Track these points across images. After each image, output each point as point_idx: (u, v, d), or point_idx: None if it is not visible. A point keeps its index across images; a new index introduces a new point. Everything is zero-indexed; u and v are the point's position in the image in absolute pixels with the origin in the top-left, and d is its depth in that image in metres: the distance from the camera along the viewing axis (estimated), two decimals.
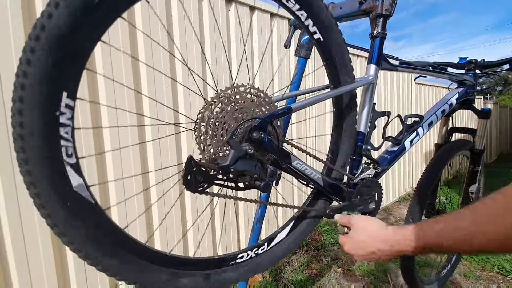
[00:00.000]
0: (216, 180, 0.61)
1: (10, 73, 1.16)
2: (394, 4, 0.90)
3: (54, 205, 0.43)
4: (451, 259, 1.57)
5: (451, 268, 1.56)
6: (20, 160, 0.41)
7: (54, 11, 0.39)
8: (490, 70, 1.37)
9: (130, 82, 1.49)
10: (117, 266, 0.50)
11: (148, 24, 1.53)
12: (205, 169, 0.58)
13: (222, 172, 0.60)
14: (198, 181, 0.57)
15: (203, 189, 0.58)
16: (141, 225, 1.57)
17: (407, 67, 1.11)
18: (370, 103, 0.92)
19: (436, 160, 1.34)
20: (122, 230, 0.52)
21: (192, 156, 0.56)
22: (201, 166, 0.57)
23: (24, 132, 0.40)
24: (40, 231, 1.26)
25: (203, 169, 0.58)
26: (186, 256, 0.63)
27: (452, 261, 1.57)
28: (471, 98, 1.37)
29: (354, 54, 3.14)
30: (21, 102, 0.40)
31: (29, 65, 0.39)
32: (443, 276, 1.53)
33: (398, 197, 4.01)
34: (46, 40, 0.39)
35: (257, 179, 0.62)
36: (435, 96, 4.87)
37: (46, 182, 0.42)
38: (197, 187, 0.57)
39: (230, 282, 0.66)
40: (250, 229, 1.47)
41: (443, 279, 1.53)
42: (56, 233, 0.45)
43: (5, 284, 1.19)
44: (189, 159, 0.55)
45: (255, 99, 0.66)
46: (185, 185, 0.56)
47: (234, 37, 1.94)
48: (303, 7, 0.68)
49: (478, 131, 1.42)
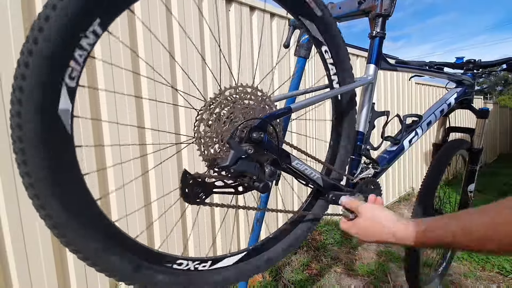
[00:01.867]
0: (215, 188, 0.60)
1: (10, 72, 1.16)
2: (393, 4, 0.90)
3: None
4: (446, 256, 1.58)
5: (447, 264, 1.58)
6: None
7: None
8: (489, 70, 1.38)
9: (130, 84, 1.49)
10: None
11: (148, 24, 1.53)
12: (201, 179, 0.57)
13: (222, 174, 0.60)
14: (196, 193, 0.57)
15: (201, 200, 0.58)
16: (140, 221, 1.57)
17: (405, 67, 1.11)
18: (369, 103, 0.92)
19: (438, 160, 1.34)
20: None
21: (186, 170, 0.56)
22: (196, 178, 0.57)
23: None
24: (40, 231, 1.26)
25: (199, 179, 0.57)
26: (135, 239, 0.55)
27: (447, 258, 1.58)
28: (470, 97, 1.39)
29: (353, 54, 3.14)
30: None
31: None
32: (440, 273, 1.54)
33: (398, 197, 4.01)
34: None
35: (256, 180, 0.62)
36: (434, 96, 4.87)
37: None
38: (195, 198, 0.57)
39: (154, 284, 0.56)
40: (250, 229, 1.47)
41: (441, 276, 1.54)
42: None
43: (5, 284, 1.19)
44: (183, 173, 0.55)
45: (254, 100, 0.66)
46: (183, 198, 0.55)
47: (234, 37, 1.94)
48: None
49: (476, 130, 1.42)
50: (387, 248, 2.54)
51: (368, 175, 0.91)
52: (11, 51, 1.17)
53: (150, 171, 1.59)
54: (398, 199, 4.01)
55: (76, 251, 0.47)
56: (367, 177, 0.90)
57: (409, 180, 4.33)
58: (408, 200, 4.07)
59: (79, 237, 0.46)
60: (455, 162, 1.49)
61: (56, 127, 0.42)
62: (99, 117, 1.43)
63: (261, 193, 0.64)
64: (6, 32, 1.15)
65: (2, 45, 1.15)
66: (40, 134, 0.40)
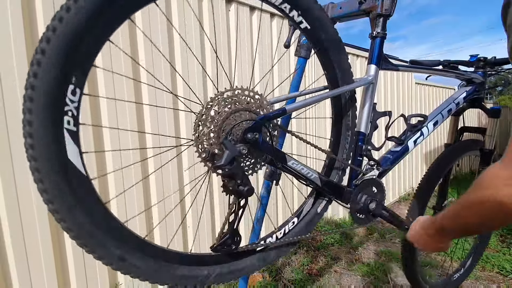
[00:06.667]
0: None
1: (10, 72, 1.16)
2: (394, 4, 0.89)
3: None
4: (465, 263, 1.51)
5: (465, 272, 1.50)
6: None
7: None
8: (500, 67, 1.34)
9: (130, 86, 1.49)
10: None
11: (149, 25, 1.53)
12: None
13: (217, 173, 0.62)
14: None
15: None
16: (141, 221, 1.57)
17: (409, 67, 1.10)
18: (371, 103, 0.92)
19: (440, 160, 1.31)
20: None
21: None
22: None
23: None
24: (40, 231, 1.26)
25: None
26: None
27: (466, 266, 1.50)
28: (481, 96, 1.34)
29: (354, 54, 3.14)
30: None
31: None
32: (455, 280, 1.48)
33: (398, 197, 4.01)
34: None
35: (241, 184, 0.63)
36: (435, 96, 4.86)
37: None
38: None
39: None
40: (250, 229, 1.47)
41: (453, 283, 1.47)
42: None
43: (5, 284, 1.19)
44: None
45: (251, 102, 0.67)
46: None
47: (234, 37, 1.94)
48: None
49: (488, 130, 1.37)
50: (387, 248, 2.54)
51: (372, 176, 0.91)
52: (11, 51, 1.16)
53: (151, 175, 1.59)
54: (398, 199, 4.01)
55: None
56: (369, 178, 0.90)
57: (409, 180, 4.33)
58: (408, 200, 4.07)
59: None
60: (470, 163, 1.46)
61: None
62: (99, 118, 1.43)
63: (246, 196, 0.65)
64: (6, 31, 1.15)
65: (2, 45, 1.15)
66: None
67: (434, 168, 1.30)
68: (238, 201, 0.67)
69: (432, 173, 1.29)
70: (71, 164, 0.48)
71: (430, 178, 1.29)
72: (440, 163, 1.32)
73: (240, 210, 0.67)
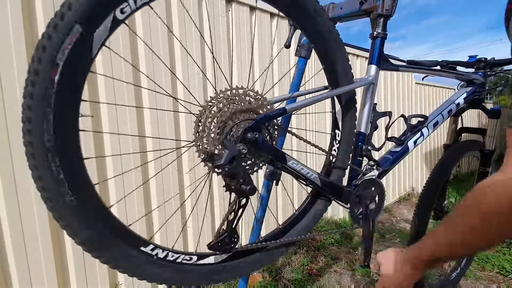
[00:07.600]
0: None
1: (10, 71, 1.16)
2: (395, 5, 0.89)
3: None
4: (461, 262, 1.52)
5: (461, 270, 1.51)
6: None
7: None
8: (500, 68, 1.33)
9: (130, 90, 1.49)
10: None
11: (149, 28, 1.53)
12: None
13: (217, 172, 0.62)
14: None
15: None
16: (141, 224, 1.57)
17: (410, 67, 1.10)
18: (371, 104, 0.92)
19: (444, 161, 1.31)
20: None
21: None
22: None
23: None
24: (40, 231, 1.26)
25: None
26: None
27: (462, 264, 1.52)
28: (481, 97, 1.33)
29: (354, 54, 3.13)
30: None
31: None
32: (453, 279, 1.49)
33: (398, 197, 4.01)
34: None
35: (243, 183, 0.63)
36: (435, 96, 4.86)
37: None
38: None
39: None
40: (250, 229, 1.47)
41: (452, 282, 1.48)
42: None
43: (5, 284, 1.19)
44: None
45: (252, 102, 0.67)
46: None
47: (235, 37, 1.94)
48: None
49: (488, 131, 1.37)
50: (387, 248, 2.53)
51: (372, 176, 0.91)
52: (11, 51, 1.16)
53: (151, 175, 1.59)
54: (398, 199, 4.01)
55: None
56: (369, 178, 0.90)
57: (409, 180, 4.33)
58: (408, 200, 4.07)
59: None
60: (469, 164, 1.46)
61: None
62: (99, 120, 1.42)
63: (248, 195, 0.66)
64: (6, 31, 1.15)
65: (2, 45, 1.15)
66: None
67: (436, 174, 1.29)
68: (239, 200, 0.67)
69: (435, 178, 1.28)
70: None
71: (432, 184, 1.28)
72: (440, 168, 1.30)
73: (240, 209, 0.67)
